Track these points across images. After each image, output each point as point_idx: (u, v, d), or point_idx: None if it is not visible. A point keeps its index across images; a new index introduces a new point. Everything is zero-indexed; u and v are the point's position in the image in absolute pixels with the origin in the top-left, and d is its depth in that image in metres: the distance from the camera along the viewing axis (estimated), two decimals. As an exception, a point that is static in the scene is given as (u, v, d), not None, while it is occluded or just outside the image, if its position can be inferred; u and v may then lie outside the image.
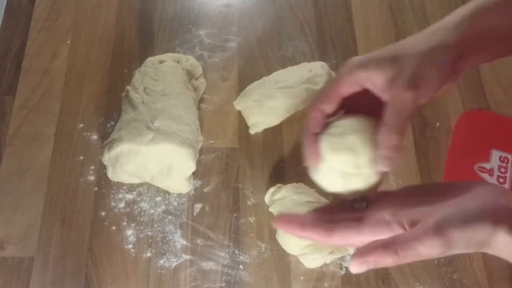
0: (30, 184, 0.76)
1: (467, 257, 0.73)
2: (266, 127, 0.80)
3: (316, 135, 0.48)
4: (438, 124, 0.82)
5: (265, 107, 0.78)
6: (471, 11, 0.46)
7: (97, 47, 0.87)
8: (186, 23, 0.90)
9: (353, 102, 0.48)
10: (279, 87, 0.79)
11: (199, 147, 0.76)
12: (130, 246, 0.72)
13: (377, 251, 0.40)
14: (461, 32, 0.45)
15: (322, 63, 0.83)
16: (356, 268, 0.41)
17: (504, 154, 0.78)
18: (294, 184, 0.74)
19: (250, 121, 0.80)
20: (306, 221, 0.45)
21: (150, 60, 0.81)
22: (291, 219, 0.46)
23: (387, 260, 0.40)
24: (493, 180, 0.76)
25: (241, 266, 0.72)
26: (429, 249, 0.39)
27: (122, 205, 0.75)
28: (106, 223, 0.74)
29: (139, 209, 0.75)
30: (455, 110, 0.83)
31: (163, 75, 0.77)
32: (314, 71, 0.80)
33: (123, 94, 0.77)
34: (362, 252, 0.41)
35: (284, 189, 0.74)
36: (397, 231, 0.42)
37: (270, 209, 0.74)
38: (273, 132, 0.81)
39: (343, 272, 0.72)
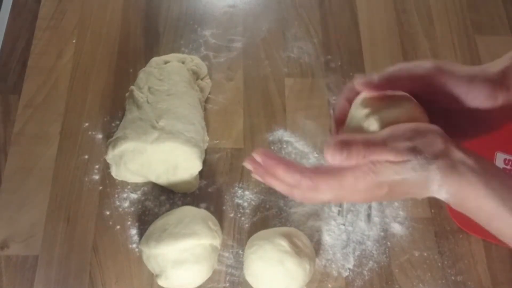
0: (35, 183, 0.76)
1: (471, 259, 0.73)
2: None
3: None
4: (442, 126, 0.82)
5: None
6: None
7: (103, 46, 0.88)
8: (192, 23, 0.90)
9: None
10: None
11: (205, 147, 0.76)
12: (134, 245, 0.72)
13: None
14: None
15: None
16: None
17: (508, 157, 0.78)
18: None
19: None
20: None
21: (155, 60, 0.81)
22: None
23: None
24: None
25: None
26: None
27: (126, 204, 0.75)
28: (111, 222, 0.74)
29: (143, 209, 0.75)
30: (460, 112, 0.83)
31: (168, 75, 0.77)
32: None
33: (127, 94, 0.78)
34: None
35: None
36: None
37: None
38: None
39: (346, 273, 0.72)
